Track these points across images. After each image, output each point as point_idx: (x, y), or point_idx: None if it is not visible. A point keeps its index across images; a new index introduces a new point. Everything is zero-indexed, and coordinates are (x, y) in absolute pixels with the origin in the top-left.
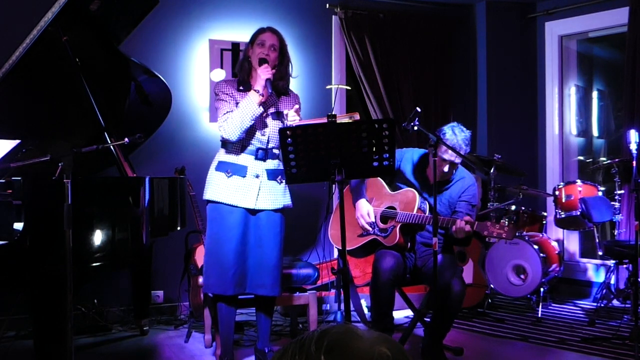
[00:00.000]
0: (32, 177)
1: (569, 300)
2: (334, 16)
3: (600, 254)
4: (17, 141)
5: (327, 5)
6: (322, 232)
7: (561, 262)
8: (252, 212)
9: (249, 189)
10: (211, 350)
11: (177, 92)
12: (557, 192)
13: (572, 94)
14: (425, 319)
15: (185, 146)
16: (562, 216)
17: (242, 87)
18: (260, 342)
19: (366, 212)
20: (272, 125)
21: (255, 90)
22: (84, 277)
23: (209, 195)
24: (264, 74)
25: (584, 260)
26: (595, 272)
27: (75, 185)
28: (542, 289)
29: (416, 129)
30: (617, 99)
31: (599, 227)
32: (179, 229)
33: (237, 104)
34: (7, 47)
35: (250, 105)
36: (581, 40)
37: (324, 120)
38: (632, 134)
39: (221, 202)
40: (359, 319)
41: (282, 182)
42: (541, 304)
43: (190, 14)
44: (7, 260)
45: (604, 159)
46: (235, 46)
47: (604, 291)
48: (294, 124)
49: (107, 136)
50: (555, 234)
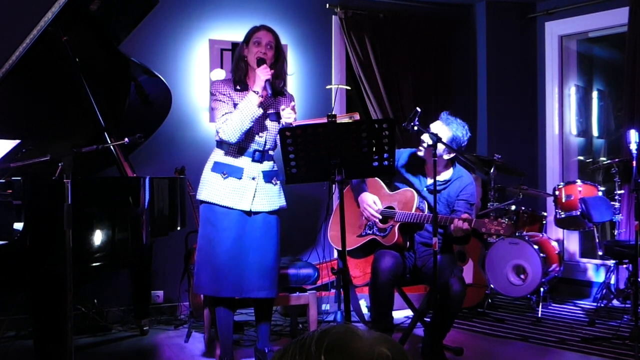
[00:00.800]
0: (32, 177)
1: (569, 300)
2: (334, 16)
3: (600, 254)
4: (17, 141)
5: (327, 5)
6: (322, 232)
7: (561, 262)
8: (248, 214)
9: (245, 191)
10: (211, 350)
11: (177, 92)
12: (557, 192)
13: (572, 94)
14: (425, 319)
15: (185, 146)
16: (562, 216)
17: (238, 87)
18: (260, 343)
19: (372, 201)
20: (270, 126)
21: (254, 91)
22: (84, 277)
23: (203, 195)
24: (263, 74)
25: (584, 260)
26: (595, 272)
27: (75, 185)
28: (542, 289)
29: (416, 129)
30: (617, 99)
31: (599, 227)
32: (179, 229)
33: (234, 104)
34: (7, 47)
35: (250, 106)
36: (581, 40)
37: (324, 120)
38: (632, 134)
39: (216, 204)
40: (358, 319)
41: (277, 184)
42: (541, 304)
43: (190, 14)
44: (7, 260)
45: (604, 159)
46: (235, 46)
47: (604, 291)
48: (291, 122)
49: (107, 136)
50: (555, 234)
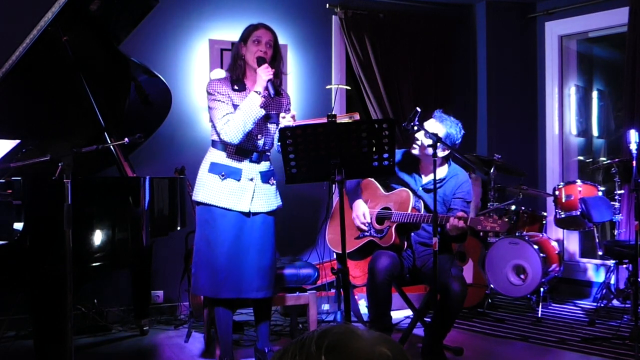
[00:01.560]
0: (32, 177)
1: (569, 300)
2: (334, 16)
3: (600, 254)
4: (17, 141)
5: (327, 5)
6: (322, 232)
7: (561, 262)
8: (247, 215)
9: (243, 192)
10: (211, 350)
11: (177, 92)
12: (557, 192)
13: (572, 94)
14: (425, 319)
15: (185, 146)
16: (562, 216)
17: (236, 87)
18: (260, 343)
19: (362, 213)
20: (269, 127)
21: (256, 91)
22: (84, 277)
23: (201, 197)
24: (265, 74)
25: (584, 260)
26: (595, 272)
27: (75, 185)
28: (542, 289)
29: (416, 129)
30: (617, 99)
31: (599, 227)
32: (179, 229)
33: (233, 104)
34: (7, 47)
35: (252, 107)
36: (581, 40)
37: (324, 120)
38: (632, 134)
39: (214, 205)
40: (357, 320)
41: (273, 184)
42: (541, 304)
43: (190, 14)
44: (7, 260)
45: (604, 159)
46: None
47: (604, 291)
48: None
49: (107, 136)
50: (555, 234)
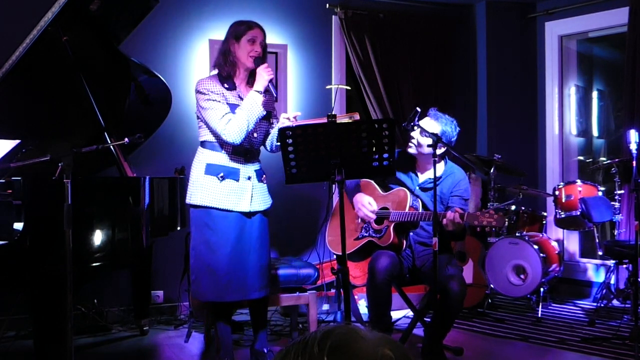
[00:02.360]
0: (32, 177)
1: (569, 300)
2: (334, 16)
3: (600, 254)
4: (17, 141)
5: (327, 5)
6: (322, 232)
7: (561, 262)
8: (247, 215)
9: (242, 192)
10: (211, 350)
11: (177, 92)
12: (557, 192)
13: (572, 94)
14: (425, 319)
15: (185, 146)
16: (562, 216)
17: (226, 85)
18: (258, 343)
19: (367, 202)
20: (263, 126)
21: (257, 90)
22: (84, 277)
23: (199, 200)
24: (267, 74)
25: (584, 260)
26: (595, 272)
27: (75, 185)
28: (542, 289)
29: (416, 129)
30: (617, 99)
31: (599, 227)
32: (179, 229)
33: (228, 103)
34: (7, 47)
35: (255, 106)
36: (581, 40)
37: (324, 120)
38: (632, 134)
39: (214, 207)
40: (356, 320)
41: (265, 182)
42: (541, 304)
43: (190, 14)
44: (7, 260)
45: (604, 159)
46: None
47: (604, 291)
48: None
49: (107, 136)
50: (555, 234)
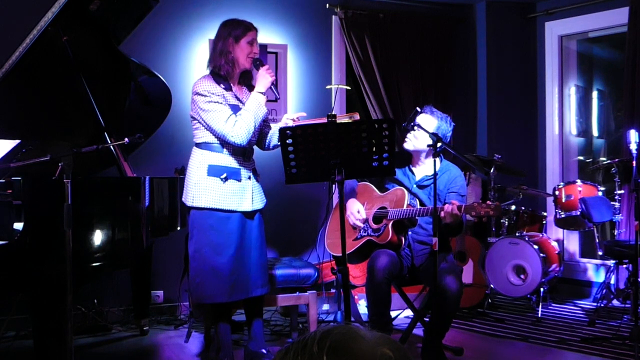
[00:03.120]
0: (32, 177)
1: (569, 300)
2: (334, 16)
3: (600, 254)
4: (17, 141)
5: (327, 5)
6: (322, 232)
7: (561, 262)
8: (247, 214)
9: (244, 191)
10: (211, 350)
11: (177, 92)
12: (557, 192)
13: (572, 94)
14: (425, 319)
15: (185, 146)
16: (562, 216)
17: (223, 85)
18: (254, 343)
19: (356, 210)
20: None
21: (260, 92)
22: (84, 277)
23: (203, 202)
24: (270, 76)
25: (584, 260)
26: (595, 272)
27: (75, 185)
28: (542, 289)
29: (416, 129)
30: (617, 99)
31: (599, 227)
32: (179, 229)
33: (229, 105)
34: (7, 47)
35: (260, 108)
36: (581, 40)
37: (324, 120)
38: (632, 134)
39: (218, 209)
40: (355, 320)
41: (259, 179)
42: (541, 304)
43: (190, 14)
44: (7, 260)
45: (604, 159)
46: None
47: (604, 291)
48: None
49: (107, 136)
50: (555, 234)
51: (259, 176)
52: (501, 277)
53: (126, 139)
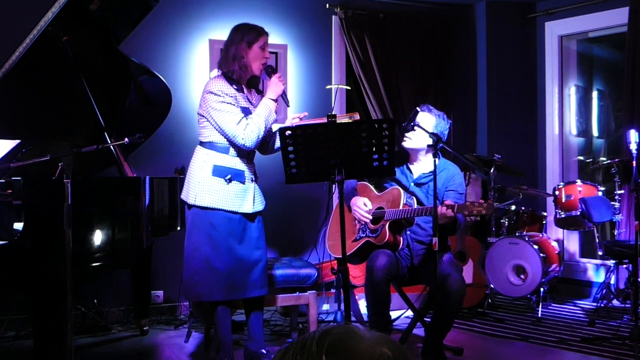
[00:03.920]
0: (32, 177)
1: (569, 300)
2: (334, 16)
3: (600, 254)
4: (17, 141)
5: (327, 5)
6: (322, 232)
7: (561, 262)
8: (248, 216)
9: (246, 193)
10: (211, 350)
11: (177, 92)
12: (557, 192)
13: (572, 94)
14: (425, 319)
15: (185, 146)
16: (562, 216)
17: (235, 87)
18: (253, 343)
19: (362, 203)
20: None
21: (272, 99)
22: (84, 277)
23: (207, 202)
24: (282, 84)
25: (584, 260)
26: (595, 272)
27: (75, 185)
28: (542, 289)
29: (416, 129)
30: (617, 99)
31: (599, 227)
32: (179, 229)
33: (241, 107)
34: (7, 47)
35: (272, 114)
36: (581, 40)
37: (324, 120)
38: (632, 134)
39: (221, 209)
40: (356, 320)
41: (257, 182)
42: (541, 304)
43: (190, 14)
44: (7, 260)
45: (604, 159)
46: None
47: (604, 291)
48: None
49: (107, 136)
50: (555, 234)
51: (257, 179)
52: (501, 277)
53: (126, 139)
